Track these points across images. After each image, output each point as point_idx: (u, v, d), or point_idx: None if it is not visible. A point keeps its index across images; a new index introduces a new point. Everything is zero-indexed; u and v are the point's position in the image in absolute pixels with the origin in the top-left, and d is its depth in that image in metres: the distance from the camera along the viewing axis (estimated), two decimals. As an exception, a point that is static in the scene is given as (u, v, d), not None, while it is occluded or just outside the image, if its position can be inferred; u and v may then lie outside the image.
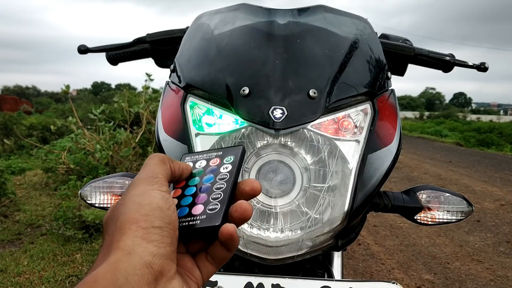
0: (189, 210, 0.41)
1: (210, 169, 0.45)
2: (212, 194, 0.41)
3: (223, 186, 0.42)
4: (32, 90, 55.91)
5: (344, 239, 0.77)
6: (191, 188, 0.43)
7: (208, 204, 0.40)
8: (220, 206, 0.40)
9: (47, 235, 3.25)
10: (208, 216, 0.39)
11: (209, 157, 0.47)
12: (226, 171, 0.44)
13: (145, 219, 0.35)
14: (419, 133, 16.04)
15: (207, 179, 0.44)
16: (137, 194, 0.37)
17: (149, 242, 0.34)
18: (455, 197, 0.82)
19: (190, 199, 0.42)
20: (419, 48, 1.02)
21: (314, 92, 0.69)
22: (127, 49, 1.15)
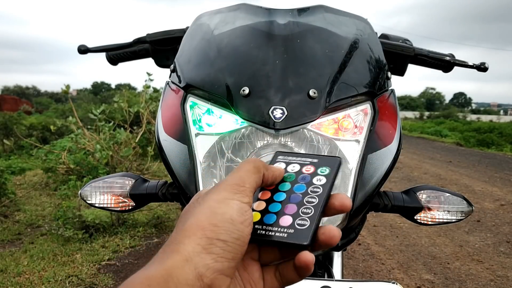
0: (277, 219, 0.39)
1: (303, 177, 0.43)
2: (302, 207, 0.39)
3: (315, 201, 0.40)
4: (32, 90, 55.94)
5: (344, 239, 0.77)
6: (281, 194, 0.41)
7: (297, 217, 0.38)
8: (310, 224, 0.37)
9: (47, 235, 3.26)
10: (296, 231, 0.37)
11: (303, 162, 0.45)
12: (320, 184, 0.41)
13: (212, 229, 0.34)
14: (419, 133, 16.05)
15: (299, 188, 0.42)
16: (216, 199, 0.36)
17: (209, 253, 0.33)
18: (455, 197, 0.82)
19: (279, 207, 0.40)
20: (419, 48, 1.02)
21: (314, 92, 0.69)
22: (127, 49, 1.15)
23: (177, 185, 0.74)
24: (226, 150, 0.71)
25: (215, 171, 0.71)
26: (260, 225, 0.39)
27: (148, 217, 3.65)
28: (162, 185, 0.83)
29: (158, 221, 3.60)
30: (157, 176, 5.17)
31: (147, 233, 3.40)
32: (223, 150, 0.71)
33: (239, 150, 0.71)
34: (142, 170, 5.08)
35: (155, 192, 0.82)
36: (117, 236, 3.26)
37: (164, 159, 0.76)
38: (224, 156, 0.71)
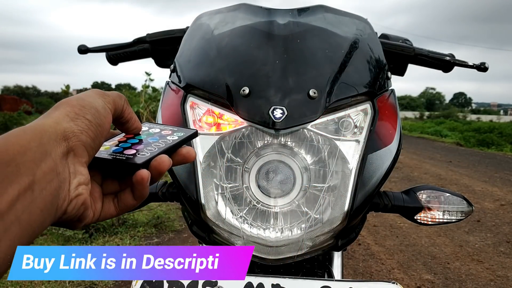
0: (123, 150, 0.44)
1: (159, 134, 0.49)
2: (148, 147, 0.45)
3: (161, 145, 0.46)
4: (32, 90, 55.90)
5: (344, 239, 0.78)
6: (135, 139, 0.48)
7: (141, 151, 0.44)
8: (149, 154, 0.43)
9: (47, 235, 3.25)
10: (135, 157, 0.43)
11: (164, 128, 0.51)
12: (171, 139, 0.48)
13: (80, 108, 0.39)
14: (419, 133, 16.04)
15: (152, 139, 0.48)
16: (80, 96, 0.41)
17: (75, 124, 0.37)
18: (455, 197, 0.82)
19: (128, 145, 0.46)
20: (419, 48, 1.02)
21: (314, 92, 0.69)
22: (127, 49, 1.15)
23: (177, 185, 0.74)
24: (226, 150, 0.71)
25: (215, 171, 0.71)
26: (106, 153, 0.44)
27: (148, 217, 3.65)
28: (162, 185, 0.83)
29: (158, 221, 3.60)
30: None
31: (147, 233, 3.40)
32: (223, 150, 0.71)
33: (239, 150, 0.71)
34: (142, 170, 5.07)
35: (155, 192, 0.82)
36: (117, 236, 3.26)
37: (164, 159, 0.76)
38: (224, 156, 0.71)
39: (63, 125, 0.36)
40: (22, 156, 0.32)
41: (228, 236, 0.71)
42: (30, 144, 0.33)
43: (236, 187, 0.70)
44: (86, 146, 0.38)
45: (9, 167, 0.31)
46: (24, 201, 0.31)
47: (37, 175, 0.32)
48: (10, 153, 0.31)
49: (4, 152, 0.31)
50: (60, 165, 0.35)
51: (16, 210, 0.31)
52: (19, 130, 0.34)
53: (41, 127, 0.35)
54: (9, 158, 0.31)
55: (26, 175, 0.32)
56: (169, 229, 3.54)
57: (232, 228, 0.70)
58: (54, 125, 0.36)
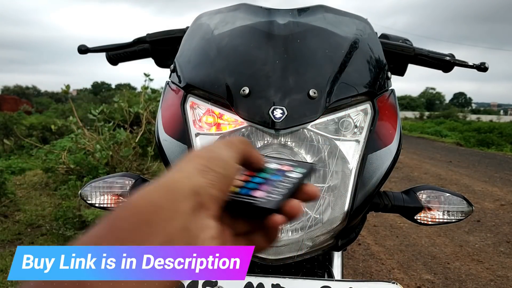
0: (250, 192, 0.43)
1: (280, 170, 0.48)
2: (276, 188, 0.44)
3: (288, 186, 0.45)
4: (32, 90, 55.90)
5: (344, 239, 0.77)
6: (258, 178, 0.46)
7: (270, 193, 0.43)
8: (280, 197, 0.42)
9: (47, 235, 3.25)
10: (266, 200, 0.42)
11: (282, 163, 0.50)
12: (294, 177, 0.47)
13: (209, 160, 0.39)
14: (419, 133, 16.04)
15: (275, 176, 0.47)
16: (210, 148, 0.41)
17: (205, 178, 0.37)
18: (455, 197, 0.82)
19: (254, 185, 0.45)
20: (419, 48, 1.02)
21: (314, 92, 0.69)
22: (127, 49, 1.15)
23: (177, 185, 0.74)
24: (226, 150, 0.71)
25: (215, 171, 0.71)
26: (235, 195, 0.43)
27: (148, 217, 3.64)
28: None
29: (158, 221, 3.60)
30: (157, 176, 5.15)
31: (147, 233, 3.40)
32: (223, 150, 0.71)
33: (239, 150, 0.71)
34: (142, 170, 5.08)
35: None
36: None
37: (164, 159, 0.76)
38: (224, 156, 0.71)
39: (193, 180, 0.37)
40: (156, 215, 0.33)
41: (228, 236, 0.71)
42: (163, 202, 0.34)
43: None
44: (214, 199, 0.38)
45: (146, 227, 0.32)
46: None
47: (169, 233, 0.34)
48: (146, 212, 0.33)
49: (141, 213, 0.33)
50: (190, 221, 0.36)
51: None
52: (151, 187, 0.36)
53: (173, 184, 0.36)
54: (146, 218, 0.33)
55: (160, 235, 0.33)
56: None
57: (232, 228, 0.70)
58: (185, 181, 0.37)
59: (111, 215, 0.34)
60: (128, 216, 0.33)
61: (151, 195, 0.35)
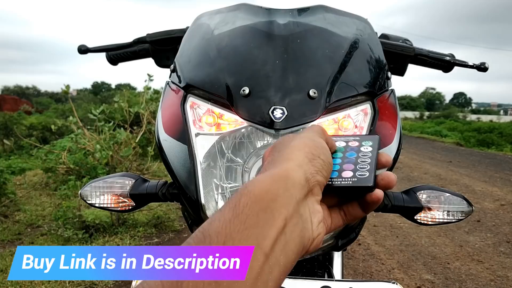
0: (339, 173, 0.45)
1: (351, 148, 0.49)
2: (358, 165, 0.46)
3: (367, 160, 0.46)
4: (32, 90, 55.89)
5: (344, 239, 0.77)
6: (336, 159, 0.47)
7: (356, 171, 0.45)
8: (369, 173, 0.44)
9: (47, 235, 3.25)
10: (358, 179, 0.43)
11: (347, 140, 0.51)
12: (367, 151, 0.48)
13: (315, 149, 0.42)
14: (419, 133, 16.04)
15: (350, 155, 0.48)
16: (309, 136, 0.44)
17: (313, 165, 0.41)
18: (455, 197, 0.82)
19: (338, 167, 0.46)
20: (419, 48, 1.02)
21: (314, 92, 0.69)
22: (127, 49, 1.15)
23: (177, 185, 0.74)
24: (226, 150, 0.71)
25: (215, 171, 0.71)
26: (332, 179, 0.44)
27: (148, 217, 3.65)
28: (162, 185, 0.83)
29: (158, 221, 3.60)
30: (157, 176, 5.17)
31: (147, 233, 3.40)
32: (223, 150, 0.71)
33: (239, 150, 0.71)
34: (142, 170, 5.08)
35: (155, 192, 0.81)
36: (117, 236, 3.26)
37: (164, 159, 0.76)
38: (224, 156, 0.71)
39: (304, 168, 0.40)
40: (274, 202, 0.36)
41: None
42: (279, 191, 0.37)
43: (236, 187, 0.70)
44: (320, 185, 0.41)
45: (266, 213, 0.35)
46: (280, 244, 0.35)
47: (287, 218, 0.36)
48: (265, 200, 0.36)
49: (261, 200, 0.36)
50: (302, 206, 0.39)
51: (275, 252, 0.35)
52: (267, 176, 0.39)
53: (286, 172, 0.39)
54: (265, 205, 0.36)
55: (280, 219, 0.36)
56: (169, 229, 3.54)
57: (232, 228, 0.70)
58: (297, 169, 0.39)
59: (233, 202, 0.36)
60: (250, 203, 0.35)
61: (267, 184, 0.37)
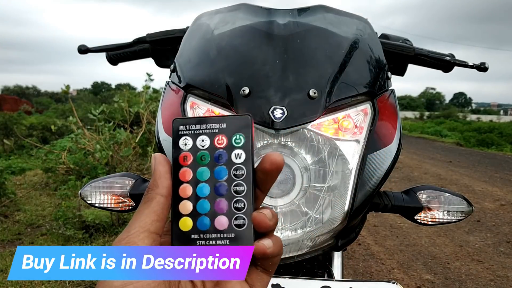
0: (211, 222, 0.36)
1: (218, 155, 0.37)
2: (233, 201, 0.36)
3: (243, 189, 0.36)
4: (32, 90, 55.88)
5: (344, 239, 0.77)
6: (204, 186, 0.37)
7: (232, 216, 0.36)
8: (248, 222, 0.35)
9: (47, 235, 3.25)
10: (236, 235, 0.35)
11: (211, 131, 0.38)
12: (241, 162, 0.36)
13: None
14: (419, 133, 16.04)
15: (220, 173, 0.37)
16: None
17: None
18: (455, 197, 0.82)
19: (207, 205, 0.36)
20: (419, 48, 1.02)
21: (314, 92, 0.69)
22: (127, 49, 1.15)
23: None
24: (226, 150, 0.71)
25: (215, 171, 0.71)
26: (197, 234, 0.36)
27: (148, 217, 3.64)
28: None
29: (158, 221, 3.60)
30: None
31: (147, 233, 3.39)
32: (223, 150, 0.71)
33: (239, 150, 0.71)
34: (142, 170, 5.08)
35: None
36: (117, 236, 3.26)
37: (164, 159, 0.76)
38: (224, 156, 0.71)
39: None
40: None
41: (228, 236, 0.71)
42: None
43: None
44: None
45: None
46: None
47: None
48: None
49: None
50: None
51: None
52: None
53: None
54: None
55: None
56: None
57: (232, 228, 0.70)
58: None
59: None
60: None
61: None
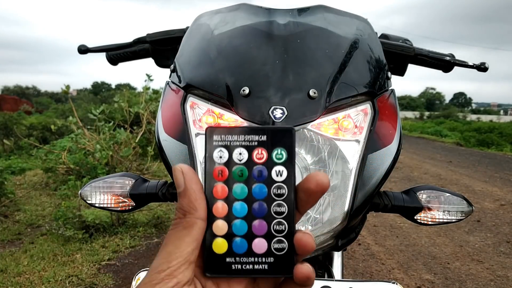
0: (249, 245, 0.33)
1: (258, 171, 0.34)
2: (273, 223, 0.33)
3: (284, 210, 0.33)
4: (32, 90, 55.89)
5: (344, 239, 0.77)
6: (241, 204, 0.33)
7: (271, 239, 0.33)
8: (288, 246, 0.32)
9: (47, 235, 3.25)
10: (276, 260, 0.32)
11: (249, 144, 0.34)
12: (282, 180, 0.33)
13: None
14: (419, 133, 16.05)
15: (259, 192, 0.33)
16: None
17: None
18: (455, 197, 0.82)
19: (244, 226, 0.33)
20: (419, 48, 1.02)
21: (314, 92, 0.69)
22: (127, 49, 1.15)
23: (177, 185, 0.74)
24: (226, 150, 0.71)
25: (215, 171, 0.71)
26: (232, 257, 0.33)
27: (148, 217, 3.65)
28: (162, 185, 0.83)
29: (158, 221, 3.60)
30: (157, 176, 5.17)
31: (147, 233, 3.40)
32: (223, 150, 0.71)
33: (239, 150, 0.71)
34: (142, 170, 5.08)
35: (155, 192, 0.81)
36: (117, 236, 3.26)
37: (164, 159, 0.76)
38: (224, 156, 0.71)
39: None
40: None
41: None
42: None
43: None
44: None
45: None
46: None
47: None
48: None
49: None
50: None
51: None
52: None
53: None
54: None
55: None
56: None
57: (232, 228, 0.70)
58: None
59: None
60: None
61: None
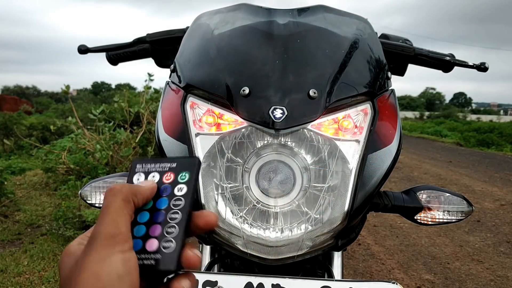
0: (143, 244, 0.38)
1: (164, 188, 0.41)
2: (166, 226, 0.38)
3: (178, 217, 0.39)
4: (32, 90, 55.88)
5: (344, 239, 0.77)
6: (145, 213, 0.40)
7: (162, 239, 0.38)
8: (175, 246, 0.37)
9: (47, 235, 3.25)
10: (163, 256, 0.37)
11: (162, 169, 0.42)
12: (181, 195, 0.40)
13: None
14: (419, 133, 16.04)
15: (162, 203, 0.40)
16: (95, 260, 0.34)
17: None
18: (455, 197, 0.82)
19: (143, 229, 0.39)
20: (419, 48, 1.03)
21: (314, 92, 0.69)
22: (127, 49, 1.15)
23: (177, 185, 0.74)
24: (226, 150, 0.71)
25: (215, 171, 0.71)
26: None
27: (148, 217, 3.64)
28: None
29: (158, 221, 3.60)
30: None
31: (147, 233, 3.40)
32: (223, 150, 0.71)
33: (239, 150, 0.71)
34: (142, 170, 5.06)
35: None
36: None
37: (164, 159, 0.76)
38: (224, 156, 0.71)
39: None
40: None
41: (228, 236, 0.71)
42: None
43: (236, 187, 0.70)
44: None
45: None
46: None
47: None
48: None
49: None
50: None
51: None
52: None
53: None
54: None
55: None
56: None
57: (232, 228, 0.70)
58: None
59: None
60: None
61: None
